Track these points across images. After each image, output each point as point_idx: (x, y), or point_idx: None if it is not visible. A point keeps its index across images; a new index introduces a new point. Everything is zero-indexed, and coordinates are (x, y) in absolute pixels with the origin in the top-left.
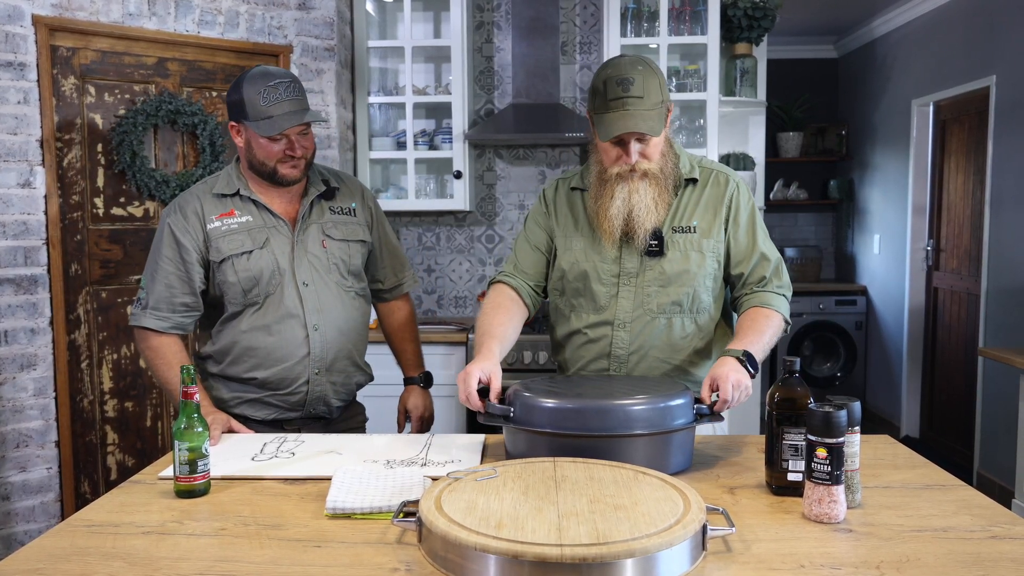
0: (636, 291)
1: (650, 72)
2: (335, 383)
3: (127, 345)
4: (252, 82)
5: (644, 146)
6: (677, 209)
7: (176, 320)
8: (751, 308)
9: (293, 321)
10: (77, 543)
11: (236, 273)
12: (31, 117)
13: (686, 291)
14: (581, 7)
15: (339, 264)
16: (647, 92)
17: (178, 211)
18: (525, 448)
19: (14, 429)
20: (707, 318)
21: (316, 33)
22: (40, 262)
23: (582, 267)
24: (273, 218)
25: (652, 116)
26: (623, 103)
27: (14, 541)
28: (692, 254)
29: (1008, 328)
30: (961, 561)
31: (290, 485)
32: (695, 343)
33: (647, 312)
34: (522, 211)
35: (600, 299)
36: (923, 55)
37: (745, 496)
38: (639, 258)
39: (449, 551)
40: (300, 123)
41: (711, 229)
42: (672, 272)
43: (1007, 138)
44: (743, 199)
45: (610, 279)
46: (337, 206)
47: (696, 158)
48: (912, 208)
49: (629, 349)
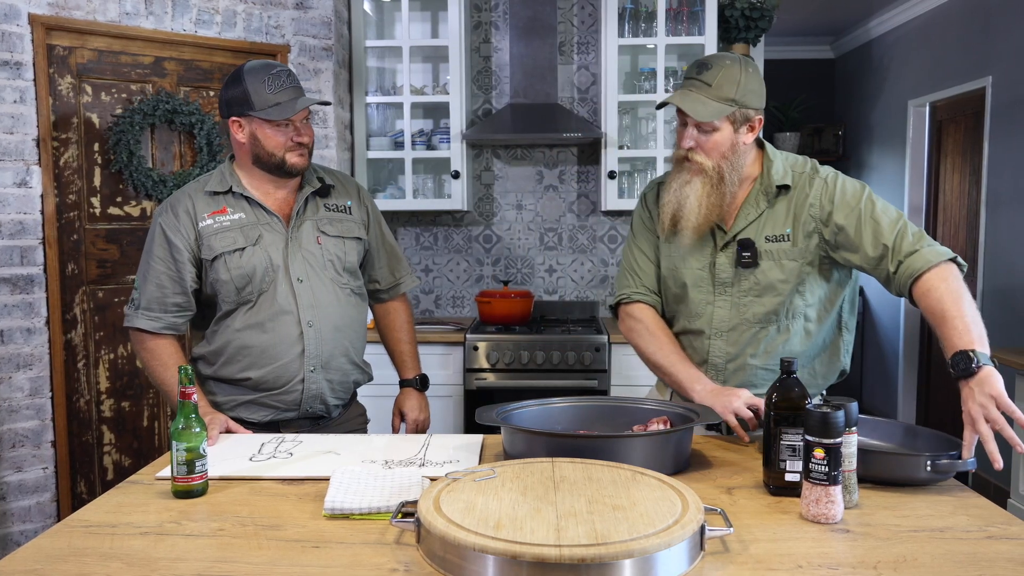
0: (732, 300)
1: (736, 69)
2: (332, 381)
3: (123, 345)
4: (254, 73)
5: (702, 137)
6: (770, 217)
7: (168, 320)
8: (920, 279)
9: (287, 318)
10: (75, 543)
11: (229, 271)
12: (27, 116)
13: (781, 300)
14: (579, 7)
15: (334, 261)
16: (720, 84)
17: (169, 210)
18: (523, 448)
19: (10, 429)
20: (806, 324)
21: (314, 33)
22: (36, 262)
23: (678, 272)
24: (266, 215)
25: (708, 104)
26: (691, 84)
27: (10, 541)
28: (786, 263)
29: (1004, 328)
30: (958, 561)
31: (288, 485)
32: (795, 349)
33: (744, 321)
34: (520, 211)
35: (695, 306)
36: (919, 56)
37: (743, 496)
38: (733, 268)
39: (448, 551)
40: (307, 105)
41: (799, 235)
42: (767, 282)
43: (1003, 138)
44: (840, 191)
45: (707, 287)
46: (332, 203)
47: (793, 161)
48: (908, 208)
49: (726, 357)
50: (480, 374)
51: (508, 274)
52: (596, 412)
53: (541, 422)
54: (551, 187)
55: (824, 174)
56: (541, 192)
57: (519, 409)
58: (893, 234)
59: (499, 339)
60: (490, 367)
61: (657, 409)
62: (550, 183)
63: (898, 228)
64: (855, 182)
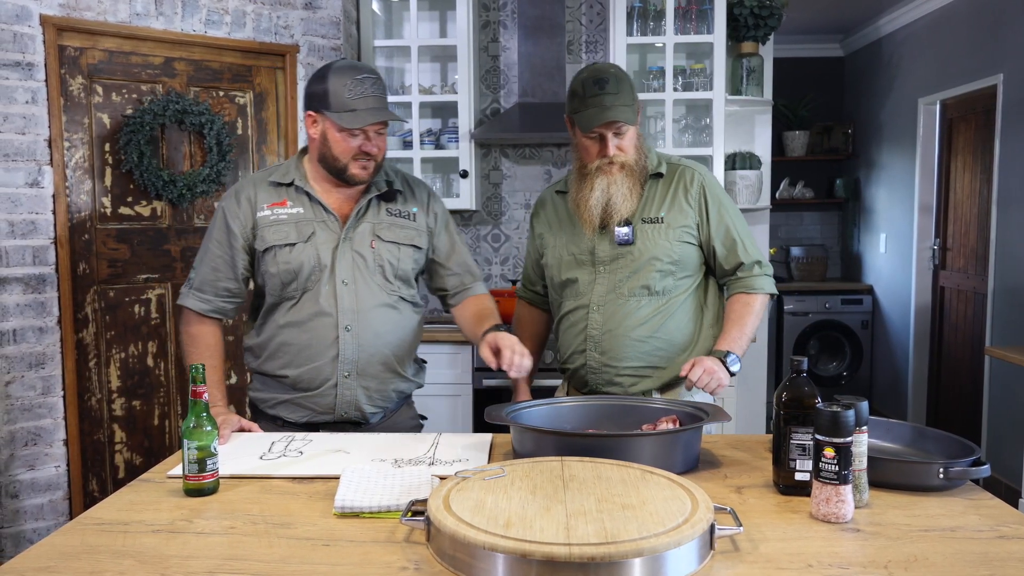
0: (609, 276)
1: (622, 74)
2: (368, 388)
3: (135, 344)
4: (339, 73)
5: (621, 140)
6: (646, 202)
7: (217, 304)
8: (733, 296)
9: (326, 319)
10: (87, 541)
11: (277, 264)
12: (39, 117)
13: (653, 275)
14: (587, 6)
15: (385, 266)
16: (621, 90)
17: (232, 196)
18: (532, 447)
19: (23, 427)
20: (676, 301)
21: (322, 33)
22: (48, 261)
23: (564, 259)
24: (324, 212)
25: (627, 109)
26: (600, 99)
27: (23, 539)
28: (660, 242)
29: (1015, 327)
30: (969, 561)
31: (298, 484)
32: (665, 323)
33: (619, 296)
34: (528, 210)
35: (580, 285)
36: (930, 53)
37: (752, 495)
38: (611, 247)
39: (457, 550)
40: (382, 120)
41: (677, 220)
42: (642, 259)
43: (1014, 136)
44: (710, 191)
45: (588, 267)
46: (396, 209)
47: (664, 155)
48: (918, 207)
49: (602, 329)
50: (489, 373)
51: (517, 273)
52: (605, 411)
53: (550, 421)
54: None
55: (702, 171)
56: None
57: (528, 408)
58: (729, 243)
59: None
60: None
61: (666, 408)
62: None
63: (736, 236)
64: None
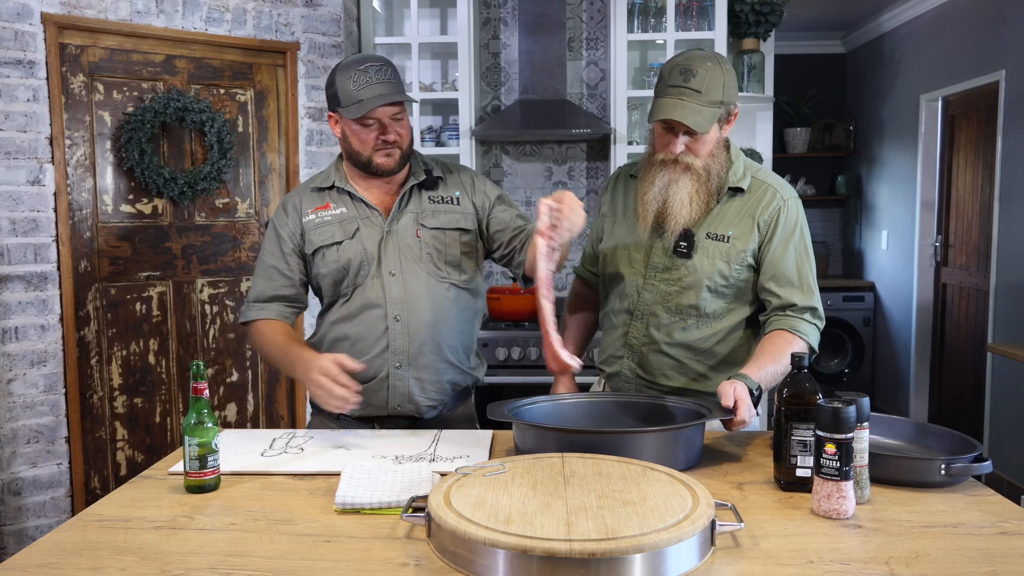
0: (658, 286)
1: (718, 70)
2: (421, 380)
3: (136, 341)
4: (344, 68)
5: (692, 141)
6: (716, 216)
7: (276, 310)
8: (776, 330)
9: (375, 311)
10: (89, 537)
11: (327, 264)
12: (40, 115)
13: (705, 296)
14: (587, 3)
15: (432, 253)
16: (707, 88)
17: (280, 207)
18: (534, 444)
19: (24, 425)
20: (726, 328)
21: (323, 30)
22: (50, 259)
23: (619, 251)
24: (367, 208)
25: (704, 112)
26: (680, 92)
27: (25, 536)
28: (719, 263)
29: (1017, 324)
30: (970, 557)
31: (299, 480)
32: (712, 350)
33: (666, 310)
34: (529, 207)
35: (627, 286)
36: (931, 50)
37: (753, 492)
38: (665, 255)
39: (458, 546)
40: (387, 102)
41: (746, 242)
42: (697, 276)
43: (1016, 133)
44: (786, 218)
45: (639, 269)
46: (438, 195)
47: (755, 168)
48: (920, 204)
49: (643, 341)
50: (490, 370)
51: None
52: (607, 408)
53: (552, 418)
54: (560, 183)
55: (786, 196)
56: (550, 188)
57: (530, 405)
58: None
59: (509, 335)
60: (500, 363)
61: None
62: (559, 179)
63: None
64: (802, 214)
